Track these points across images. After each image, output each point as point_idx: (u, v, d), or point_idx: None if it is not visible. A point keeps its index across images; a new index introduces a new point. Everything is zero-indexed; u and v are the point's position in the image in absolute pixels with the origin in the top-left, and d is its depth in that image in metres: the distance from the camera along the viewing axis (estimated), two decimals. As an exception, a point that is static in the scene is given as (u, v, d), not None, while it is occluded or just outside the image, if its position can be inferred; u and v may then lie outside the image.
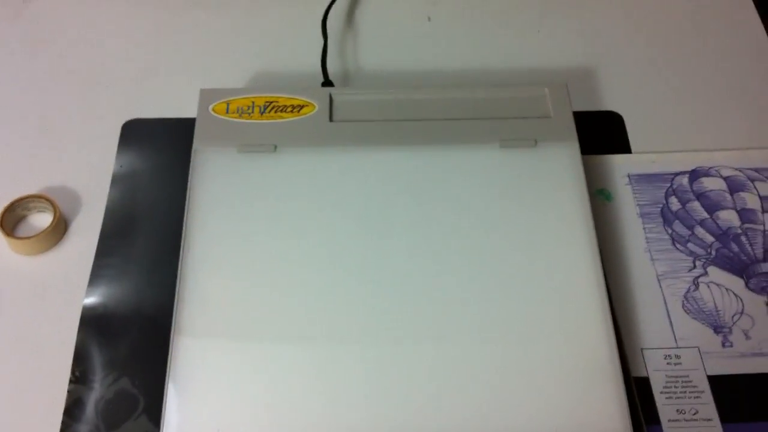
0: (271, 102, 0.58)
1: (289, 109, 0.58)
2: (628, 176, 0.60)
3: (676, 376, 0.51)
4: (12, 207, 0.57)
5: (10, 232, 0.57)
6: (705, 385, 0.51)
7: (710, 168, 0.60)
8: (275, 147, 0.56)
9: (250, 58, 0.68)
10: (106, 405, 0.50)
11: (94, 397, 0.50)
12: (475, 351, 0.49)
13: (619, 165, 0.61)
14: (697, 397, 0.50)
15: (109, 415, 0.50)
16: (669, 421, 0.49)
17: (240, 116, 0.57)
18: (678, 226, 0.58)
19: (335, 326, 0.50)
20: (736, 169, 0.60)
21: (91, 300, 0.54)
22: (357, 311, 0.50)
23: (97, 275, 0.55)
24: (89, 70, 0.67)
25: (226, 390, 0.48)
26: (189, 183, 0.54)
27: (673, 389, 0.51)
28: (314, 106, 0.58)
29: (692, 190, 0.59)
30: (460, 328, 0.50)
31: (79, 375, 0.51)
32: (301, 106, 0.58)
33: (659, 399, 0.50)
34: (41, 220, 0.58)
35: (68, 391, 0.51)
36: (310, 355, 0.49)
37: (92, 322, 0.53)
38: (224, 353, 0.49)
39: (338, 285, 0.51)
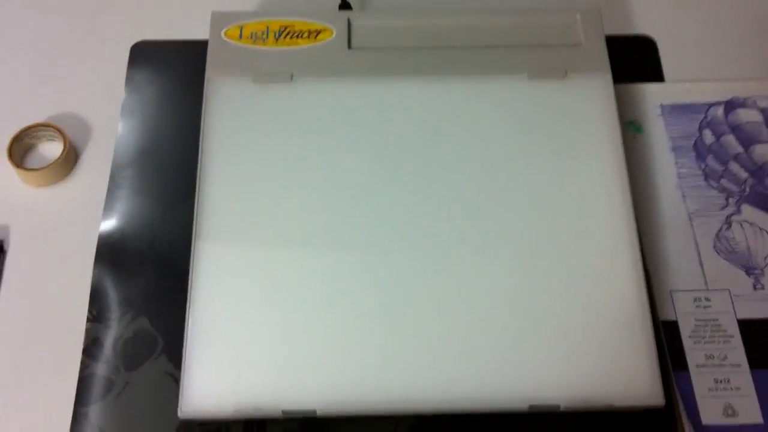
0: (287, 27, 0.55)
1: (306, 35, 0.55)
2: (661, 106, 0.58)
3: (706, 320, 0.50)
4: (20, 136, 0.55)
5: (20, 163, 0.55)
6: (735, 329, 0.50)
7: (746, 98, 0.58)
8: (291, 76, 0.53)
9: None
10: (125, 344, 0.50)
11: (112, 336, 0.50)
12: (500, 291, 0.48)
13: (651, 94, 0.58)
14: (726, 341, 0.49)
15: (128, 355, 0.49)
16: (697, 366, 0.49)
17: (254, 42, 0.55)
18: (711, 161, 0.55)
19: (352, 238, 0.49)
20: (774, 100, 0.58)
21: (105, 235, 0.53)
22: (374, 248, 0.48)
23: (110, 208, 0.54)
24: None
25: (247, 291, 0.47)
26: (203, 114, 0.52)
27: (702, 333, 0.50)
28: (332, 32, 0.55)
29: (727, 122, 0.57)
30: (485, 268, 0.48)
31: (96, 313, 0.50)
32: (318, 32, 0.55)
33: (687, 343, 0.49)
34: (51, 149, 0.57)
35: (86, 330, 0.50)
36: (329, 262, 0.48)
37: (107, 258, 0.52)
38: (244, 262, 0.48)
39: (356, 217, 0.49)
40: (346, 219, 0.49)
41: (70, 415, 0.47)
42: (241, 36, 0.55)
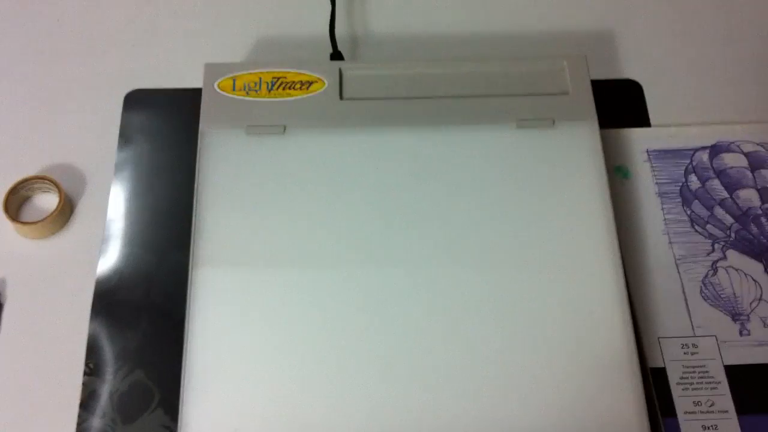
0: (279, 78, 0.56)
1: (298, 86, 0.56)
2: (647, 152, 0.59)
3: (693, 366, 0.51)
4: (15, 189, 0.56)
5: (15, 216, 0.56)
6: (722, 376, 0.51)
7: (731, 143, 0.59)
8: (284, 128, 0.54)
9: (254, 24, 0.65)
10: (121, 398, 0.50)
11: (108, 390, 0.50)
12: (488, 337, 0.48)
13: (638, 139, 0.59)
14: (714, 388, 0.50)
15: (124, 408, 0.50)
16: (685, 413, 0.49)
17: (247, 94, 0.55)
18: (697, 207, 0.56)
19: (346, 282, 0.50)
20: (758, 144, 0.59)
21: (101, 287, 0.53)
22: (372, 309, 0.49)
23: (106, 260, 0.54)
24: (88, 37, 0.64)
25: (244, 327, 0.48)
26: (197, 167, 0.53)
27: (690, 380, 0.50)
28: (324, 83, 0.56)
29: (712, 167, 0.58)
30: (474, 313, 0.49)
31: (93, 367, 0.51)
32: (310, 83, 0.56)
33: (675, 390, 0.50)
34: (46, 200, 0.57)
35: (83, 384, 0.50)
36: (322, 304, 0.49)
37: (103, 310, 0.53)
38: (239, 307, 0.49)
39: (351, 269, 0.50)
40: (339, 263, 0.50)
41: (68, 470, 0.48)
42: (234, 87, 0.56)
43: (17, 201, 0.56)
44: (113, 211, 0.56)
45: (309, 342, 0.48)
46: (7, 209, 0.55)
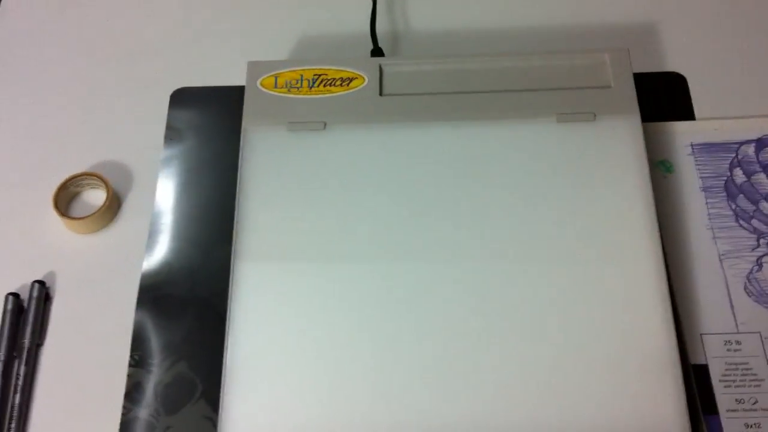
0: (320, 75, 0.57)
1: (338, 83, 0.56)
2: (691, 145, 0.58)
3: (736, 364, 0.50)
4: (65, 186, 0.57)
5: (65, 212, 0.57)
6: (766, 373, 0.50)
7: (778, 136, 0.58)
8: (325, 125, 0.55)
9: (297, 20, 0.66)
10: (165, 389, 0.51)
11: (153, 381, 0.52)
12: (530, 334, 0.48)
13: (681, 133, 0.58)
14: (757, 385, 0.49)
15: (168, 399, 0.51)
16: (727, 410, 0.49)
17: (289, 91, 0.56)
18: (742, 201, 0.55)
19: (386, 275, 0.50)
20: (806, 137, 0.57)
21: (147, 280, 0.55)
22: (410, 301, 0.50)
23: (151, 254, 0.56)
24: (135, 37, 0.66)
25: (285, 323, 0.49)
26: (240, 163, 0.54)
27: (733, 377, 0.50)
28: (364, 79, 0.56)
29: (758, 161, 0.57)
30: (515, 310, 0.49)
31: (138, 358, 0.52)
32: (351, 79, 0.56)
33: (718, 387, 0.49)
34: (94, 196, 0.59)
35: (128, 375, 0.52)
36: (363, 299, 0.50)
37: (148, 303, 0.54)
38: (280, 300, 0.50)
39: (390, 262, 0.50)
40: (378, 259, 0.51)
41: (114, 459, 0.49)
42: (276, 85, 0.56)
43: (66, 197, 0.58)
44: (159, 207, 0.57)
45: (347, 337, 0.49)
46: (56, 205, 0.56)
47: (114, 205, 0.58)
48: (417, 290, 0.50)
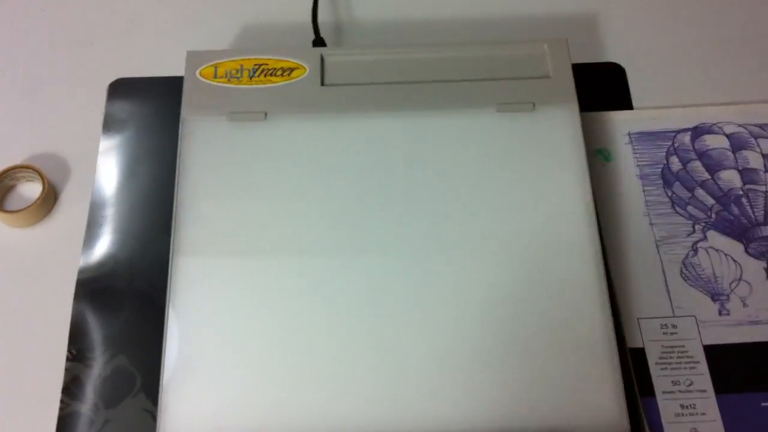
0: (261, 65, 0.56)
1: (279, 72, 0.56)
2: (629, 134, 0.59)
3: (672, 347, 0.51)
4: None
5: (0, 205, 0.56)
6: (701, 356, 0.51)
7: (713, 125, 0.59)
8: (266, 114, 0.54)
9: (238, 10, 0.66)
10: (104, 383, 0.51)
11: (91, 375, 0.51)
12: (467, 320, 0.49)
13: (619, 122, 0.59)
14: (693, 367, 0.50)
15: (107, 393, 0.50)
16: (663, 392, 0.50)
17: (229, 81, 0.56)
18: (678, 188, 0.57)
19: (326, 264, 0.50)
20: (740, 126, 0.59)
21: (84, 274, 0.54)
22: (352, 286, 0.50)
23: (89, 247, 0.55)
24: (71, 27, 0.65)
25: (225, 313, 0.49)
26: (179, 153, 0.53)
27: (669, 360, 0.51)
28: (305, 69, 0.56)
29: (694, 149, 0.58)
30: (453, 296, 0.49)
31: (76, 352, 0.51)
32: (292, 69, 0.56)
33: (654, 370, 0.50)
34: (30, 189, 0.58)
35: (66, 369, 0.51)
36: (302, 287, 0.50)
37: (86, 297, 0.53)
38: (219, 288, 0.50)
39: (334, 253, 0.50)
40: (322, 244, 0.50)
41: (52, 454, 0.49)
42: (216, 75, 0.56)
43: (1, 190, 0.57)
44: (97, 199, 0.57)
45: (287, 331, 0.48)
46: (-9, 198, 0.55)
47: (50, 198, 0.57)
48: (358, 281, 0.50)
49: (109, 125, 0.60)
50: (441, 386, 0.47)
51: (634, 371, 0.50)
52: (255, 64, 0.56)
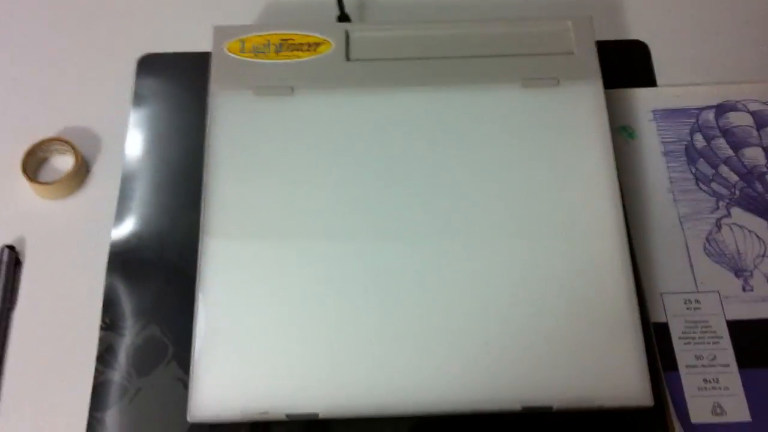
0: (287, 39, 0.57)
1: (305, 47, 0.57)
2: (653, 112, 0.59)
3: (695, 321, 0.52)
4: (33, 151, 0.57)
5: (33, 177, 0.57)
6: (724, 331, 0.51)
7: (737, 102, 0.59)
8: (292, 89, 0.55)
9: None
10: (136, 351, 0.52)
11: (124, 344, 0.52)
12: (494, 295, 0.49)
13: (643, 99, 0.60)
14: (716, 342, 0.51)
15: (139, 362, 0.51)
16: (686, 366, 0.50)
17: (255, 56, 0.56)
18: (702, 165, 0.57)
19: (354, 241, 0.51)
20: (764, 103, 0.59)
21: (116, 245, 0.55)
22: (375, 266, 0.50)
23: (121, 219, 0.56)
24: (104, 3, 0.66)
25: (254, 290, 0.49)
26: (207, 127, 0.54)
27: (692, 335, 0.51)
28: (330, 44, 0.57)
29: (718, 126, 0.58)
30: (477, 274, 0.50)
31: (109, 322, 0.52)
32: (318, 44, 0.57)
33: (677, 344, 0.51)
34: (63, 162, 0.59)
35: (99, 339, 0.52)
36: (331, 265, 0.50)
37: (119, 268, 0.54)
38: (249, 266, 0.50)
39: (360, 229, 0.51)
40: (348, 222, 0.51)
41: (86, 420, 0.50)
42: (242, 49, 0.57)
43: (35, 162, 0.58)
44: (128, 172, 0.58)
45: (313, 307, 0.49)
46: (25, 170, 0.56)
47: (82, 171, 0.58)
48: (382, 259, 0.50)
49: (139, 100, 0.61)
50: (464, 361, 0.48)
51: (658, 346, 0.51)
52: (281, 39, 0.57)
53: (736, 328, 0.51)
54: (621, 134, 0.58)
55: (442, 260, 0.50)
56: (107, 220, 0.56)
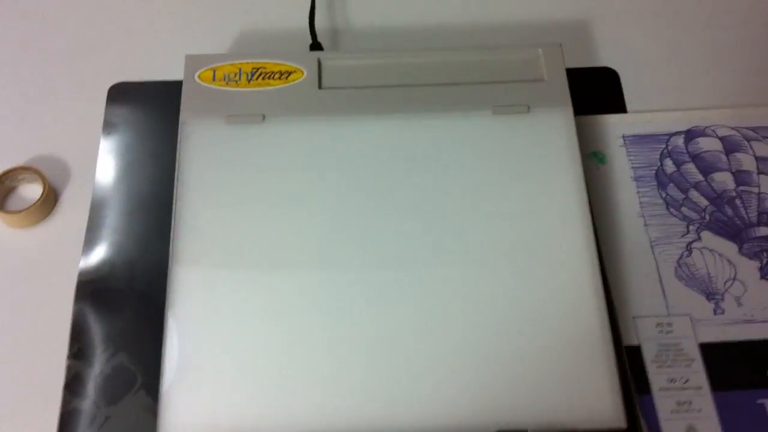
0: (258, 68, 0.57)
1: (277, 76, 0.57)
2: (623, 137, 0.60)
3: (668, 344, 0.52)
4: (0, 180, 0.57)
5: (0, 206, 0.57)
6: (696, 353, 0.51)
7: (706, 127, 0.60)
8: (263, 117, 0.55)
9: (237, 16, 0.67)
10: (105, 380, 0.51)
11: (92, 373, 0.51)
12: (467, 319, 0.49)
13: (613, 125, 0.60)
14: (688, 365, 0.51)
15: (108, 390, 0.51)
16: (660, 389, 0.50)
17: (227, 84, 0.56)
18: (672, 190, 0.57)
19: (325, 266, 0.50)
20: (733, 128, 0.60)
21: (85, 274, 0.54)
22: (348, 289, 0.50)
23: (89, 248, 0.55)
24: (73, 32, 0.66)
25: (225, 319, 0.49)
26: (177, 155, 0.54)
27: (664, 358, 0.51)
28: (302, 73, 0.57)
29: (687, 151, 0.59)
30: (448, 298, 0.50)
31: (77, 350, 0.52)
32: (289, 72, 0.57)
33: (650, 368, 0.51)
34: (31, 191, 0.58)
35: (67, 367, 0.51)
36: (301, 289, 0.50)
37: (87, 297, 0.53)
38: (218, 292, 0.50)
39: (331, 255, 0.51)
40: (319, 250, 0.51)
41: (52, 451, 0.49)
42: (214, 78, 0.57)
43: (2, 191, 0.57)
44: (97, 201, 0.57)
45: (286, 336, 0.49)
46: (-8, 199, 0.56)
47: (50, 199, 0.57)
48: (354, 287, 0.50)
49: (109, 128, 0.60)
50: (438, 386, 0.48)
51: (631, 369, 0.51)
52: (253, 68, 0.57)
53: (708, 350, 0.51)
54: (592, 159, 0.58)
55: (413, 286, 0.50)
56: (76, 248, 0.55)
